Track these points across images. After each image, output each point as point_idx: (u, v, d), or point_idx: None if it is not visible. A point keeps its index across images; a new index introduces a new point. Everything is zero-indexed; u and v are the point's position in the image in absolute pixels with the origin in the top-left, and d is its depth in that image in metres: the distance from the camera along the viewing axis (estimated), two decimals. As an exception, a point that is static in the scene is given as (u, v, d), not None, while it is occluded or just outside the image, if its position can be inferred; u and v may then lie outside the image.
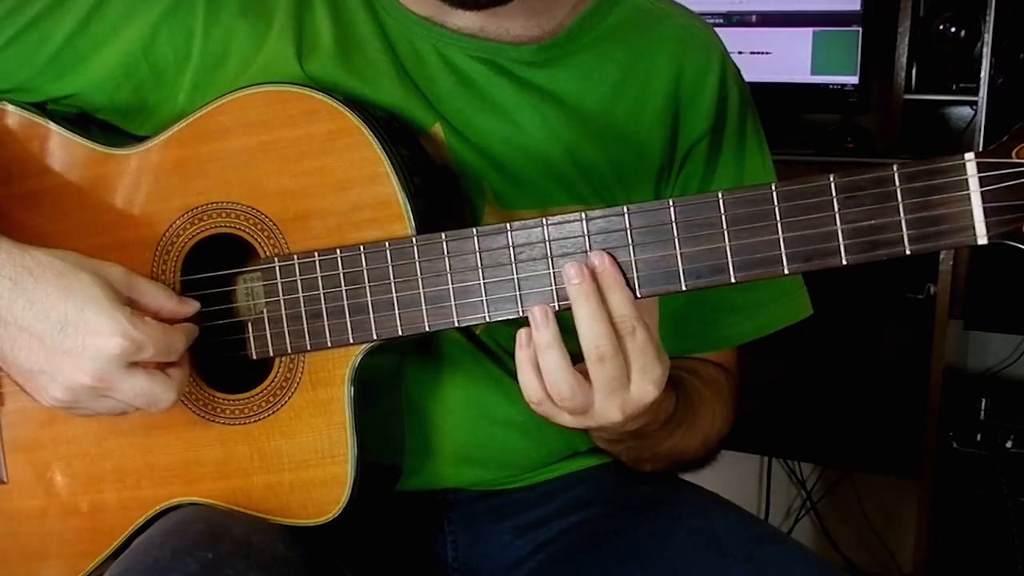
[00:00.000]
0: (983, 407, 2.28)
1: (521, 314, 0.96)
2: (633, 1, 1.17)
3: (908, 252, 0.88)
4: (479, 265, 0.97)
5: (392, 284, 0.99)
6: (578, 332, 0.92)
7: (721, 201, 0.91)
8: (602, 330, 0.91)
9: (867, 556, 2.66)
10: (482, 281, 0.97)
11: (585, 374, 0.93)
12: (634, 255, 0.93)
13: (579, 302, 0.92)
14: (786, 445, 2.45)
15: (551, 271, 0.95)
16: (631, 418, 0.96)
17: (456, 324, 0.98)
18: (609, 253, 0.93)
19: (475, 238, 0.96)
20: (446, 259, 0.97)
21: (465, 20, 1.10)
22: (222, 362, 1.05)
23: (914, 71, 2.34)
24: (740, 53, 2.40)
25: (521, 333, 0.94)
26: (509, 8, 1.06)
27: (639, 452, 1.13)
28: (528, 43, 1.11)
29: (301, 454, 1.03)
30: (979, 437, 2.24)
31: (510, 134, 1.10)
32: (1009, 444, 2.21)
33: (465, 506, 1.18)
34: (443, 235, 0.97)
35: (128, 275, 0.98)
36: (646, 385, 0.93)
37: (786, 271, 0.91)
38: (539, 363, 0.93)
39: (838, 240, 0.89)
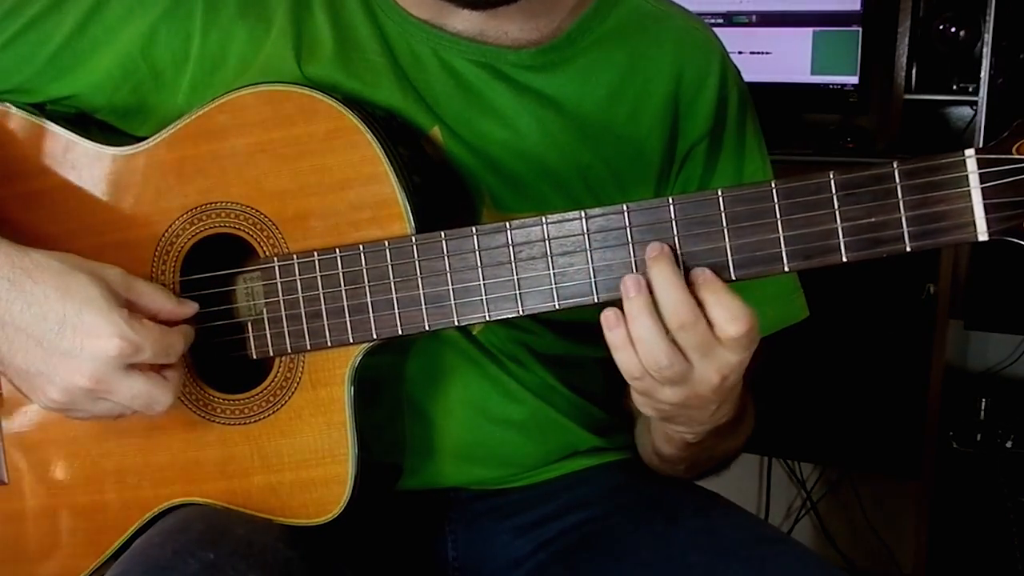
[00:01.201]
0: (983, 407, 2.29)
1: (521, 313, 0.96)
2: (633, 3, 1.17)
3: (908, 249, 0.88)
4: (479, 264, 0.97)
5: (392, 283, 0.99)
6: (659, 306, 0.91)
7: (721, 199, 0.91)
8: (679, 296, 0.90)
9: (867, 556, 2.66)
10: (482, 280, 0.97)
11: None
12: (634, 254, 0.93)
13: (657, 271, 0.91)
14: (786, 445, 2.44)
15: (551, 270, 0.95)
16: (729, 385, 0.94)
17: (456, 323, 0.98)
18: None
19: (475, 237, 0.96)
20: (446, 258, 0.97)
21: (464, 23, 1.10)
22: (222, 362, 1.05)
23: (914, 71, 2.34)
24: (740, 53, 2.40)
25: (608, 315, 0.92)
26: (508, 11, 1.06)
27: (701, 455, 1.11)
28: (527, 46, 1.11)
29: (301, 454, 1.03)
30: (979, 437, 2.24)
31: (508, 138, 1.10)
32: (1009, 444, 2.21)
33: (465, 505, 1.18)
34: (443, 234, 0.97)
35: (126, 277, 0.98)
36: (728, 326, 0.90)
37: (786, 268, 0.91)
38: (631, 334, 0.91)
39: (838, 237, 0.89)
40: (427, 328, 0.99)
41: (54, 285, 0.94)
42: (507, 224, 0.96)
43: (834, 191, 0.89)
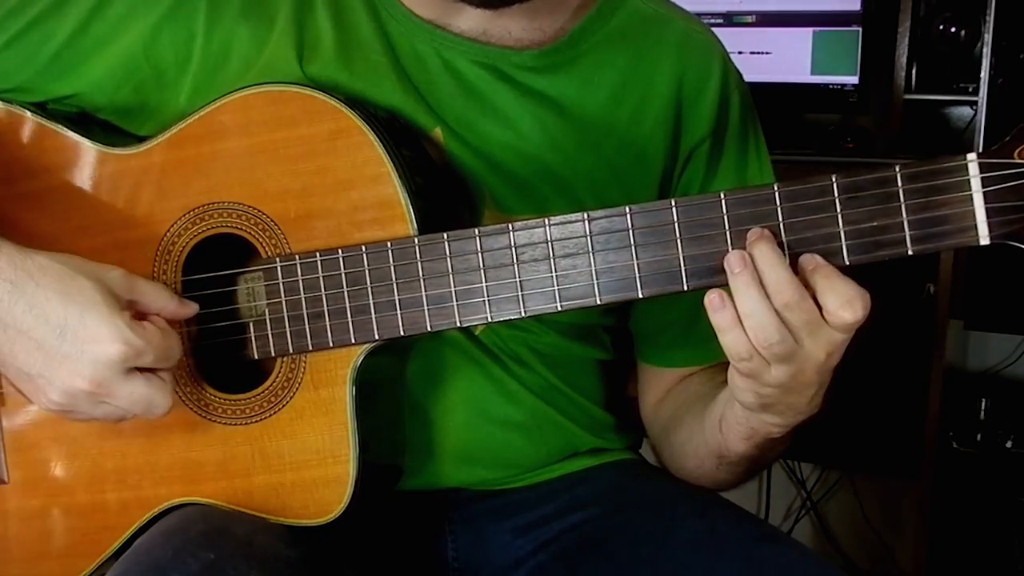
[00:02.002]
0: (983, 407, 2.29)
1: (524, 315, 0.96)
2: (634, 5, 1.17)
3: (910, 252, 0.88)
4: (481, 265, 0.97)
5: (394, 284, 0.99)
6: (764, 286, 0.90)
7: (723, 201, 0.91)
8: (783, 275, 0.89)
9: (867, 556, 2.66)
10: (484, 282, 0.97)
11: None
12: (636, 256, 0.93)
13: (759, 251, 0.90)
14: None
15: (553, 272, 0.95)
16: (833, 364, 0.94)
17: (458, 324, 0.98)
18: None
19: (477, 238, 0.96)
20: (448, 259, 0.97)
21: (467, 24, 1.10)
22: (224, 362, 1.05)
23: (914, 71, 2.34)
24: (740, 53, 2.40)
25: (712, 297, 0.91)
26: (512, 11, 1.06)
27: (768, 455, 1.11)
28: (529, 47, 1.11)
29: (303, 454, 1.03)
30: (979, 437, 2.24)
31: (510, 139, 1.10)
32: (1009, 444, 2.21)
33: (466, 506, 1.18)
34: (445, 235, 0.97)
35: (128, 278, 0.98)
36: (841, 311, 0.90)
37: (788, 271, 0.91)
38: (740, 311, 0.90)
39: (840, 241, 0.89)
40: (429, 329, 0.99)
41: (56, 288, 0.94)
42: (510, 226, 0.96)
43: (836, 194, 0.89)
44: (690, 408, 1.15)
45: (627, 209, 0.93)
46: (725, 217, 0.91)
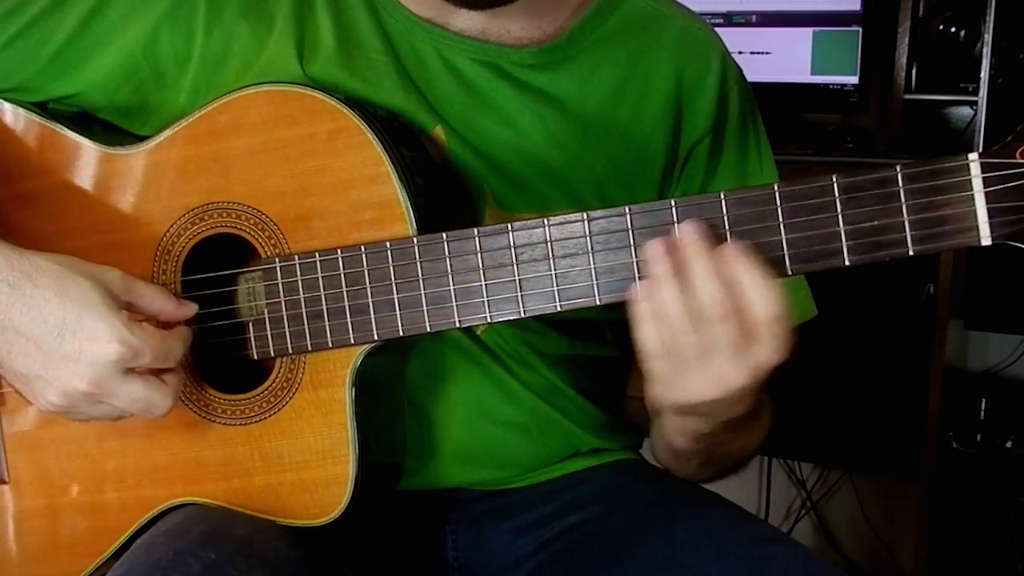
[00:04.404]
0: (983, 407, 2.29)
1: (523, 315, 0.96)
2: (634, 3, 1.17)
3: (911, 253, 0.88)
4: (480, 266, 0.97)
5: (393, 284, 0.99)
6: (697, 296, 0.89)
7: (723, 202, 0.91)
8: (715, 289, 0.89)
9: (867, 556, 2.66)
10: (483, 282, 0.97)
11: None
12: (636, 256, 0.93)
13: (694, 261, 0.90)
14: (786, 445, 2.44)
15: (552, 272, 0.95)
16: (760, 376, 0.92)
17: (457, 324, 0.98)
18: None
19: (476, 238, 0.96)
20: (447, 259, 0.97)
21: (467, 22, 1.10)
22: (223, 362, 1.05)
23: (914, 71, 2.34)
24: (740, 53, 2.40)
25: (638, 287, 0.91)
26: (510, 10, 1.06)
27: (714, 451, 1.10)
28: (529, 45, 1.11)
29: (302, 454, 1.02)
30: (979, 437, 2.24)
31: (511, 137, 1.10)
32: (1009, 444, 2.21)
33: (466, 506, 1.18)
34: (444, 235, 0.97)
35: (126, 279, 0.98)
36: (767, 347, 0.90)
37: (789, 272, 0.91)
38: (658, 301, 0.90)
39: (841, 241, 0.89)
40: (428, 329, 0.98)
41: (54, 289, 0.93)
42: (509, 226, 0.96)
43: (837, 194, 0.89)
44: None
45: (626, 209, 0.93)
46: (725, 217, 0.91)
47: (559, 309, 0.95)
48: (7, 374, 0.97)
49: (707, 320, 0.89)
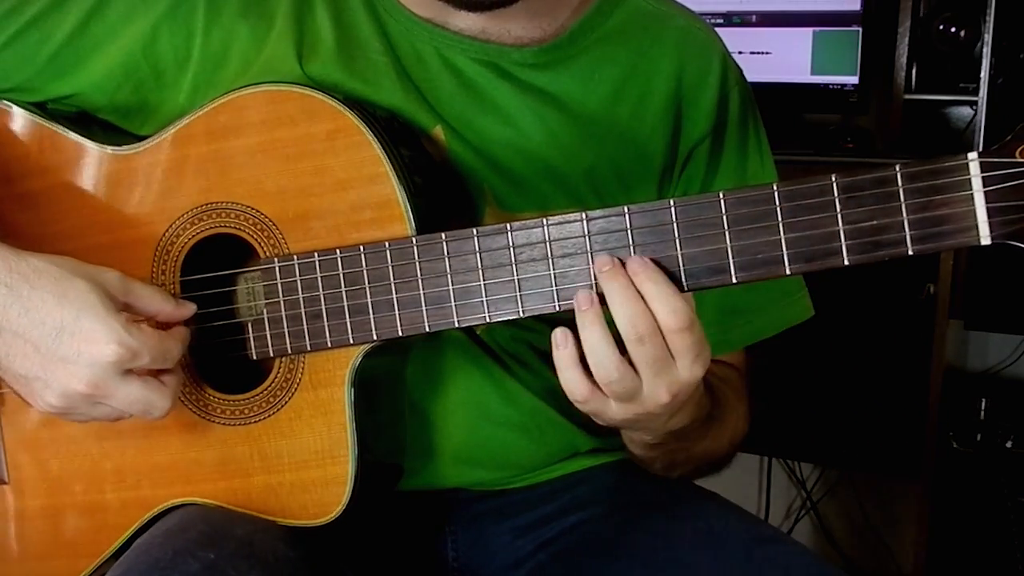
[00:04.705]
0: (983, 407, 2.29)
1: (522, 315, 0.96)
2: (634, 3, 1.17)
3: (911, 252, 0.88)
4: (479, 266, 0.96)
5: (392, 285, 0.98)
6: (614, 316, 0.91)
7: (723, 201, 0.91)
8: (638, 309, 0.90)
9: (867, 556, 2.66)
10: (482, 282, 0.97)
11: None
12: (635, 255, 0.93)
13: (611, 286, 0.91)
14: (786, 445, 2.44)
15: (551, 272, 0.95)
16: (679, 402, 0.94)
17: (456, 324, 0.98)
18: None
19: (475, 238, 0.96)
20: (446, 259, 0.97)
21: (467, 22, 1.10)
22: (222, 363, 1.05)
23: (914, 71, 2.34)
24: (740, 53, 2.40)
25: (557, 333, 0.92)
26: (511, 10, 1.06)
27: (675, 456, 1.11)
28: (529, 45, 1.11)
29: (301, 455, 1.02)
30: (979, 437, 2.24)
31: (511, 137, 1.10)
32: (1009, 444, 2.21)
33: (466, 506, 1.18)
34: (443, 235, 0.97)
35: (124, 280, 0.97)
36: (692, 364, 0.92)
37: (788, 271, 0.90)
38: (584, 345, 0.91)
39: (840, 240, 0.89)
40: (427, 329, 0.98)
41: (52, 290, 0.93)
42: (508, 226, 0.96)
43: (836, 194, 0.88)
44: None
45: (625, 209, 0.93)
46: (724, 217, 0.91)
47: (558, 309, 0.95)
48: (6, 376, 0.97)
49: (634, 343, 0.90)
